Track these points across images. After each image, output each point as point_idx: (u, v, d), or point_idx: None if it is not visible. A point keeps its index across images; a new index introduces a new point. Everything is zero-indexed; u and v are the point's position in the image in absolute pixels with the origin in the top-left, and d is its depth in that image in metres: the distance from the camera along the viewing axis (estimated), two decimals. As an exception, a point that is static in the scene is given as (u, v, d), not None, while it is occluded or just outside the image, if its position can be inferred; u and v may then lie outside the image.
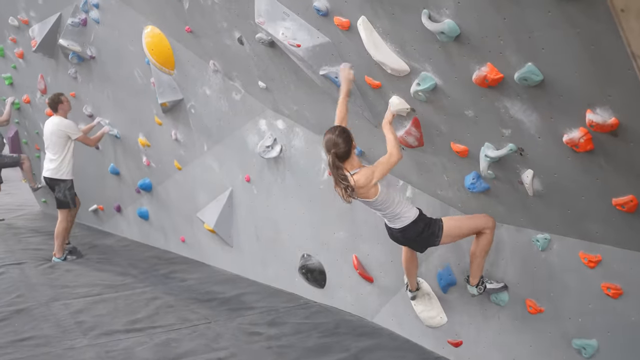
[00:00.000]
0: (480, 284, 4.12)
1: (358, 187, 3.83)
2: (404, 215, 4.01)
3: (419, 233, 4.01)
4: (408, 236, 4.06)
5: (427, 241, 4.07)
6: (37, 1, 7.86)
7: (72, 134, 7.09)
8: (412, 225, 3.99)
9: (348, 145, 3.89)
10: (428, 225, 4.02)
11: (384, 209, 4.01)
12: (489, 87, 3.32)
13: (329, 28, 4.15)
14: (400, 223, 4.03)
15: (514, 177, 3.69)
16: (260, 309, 5.63)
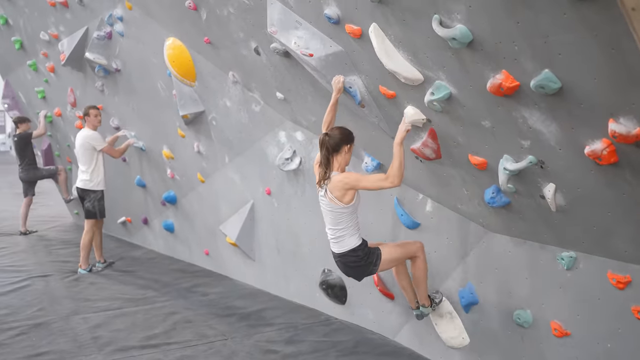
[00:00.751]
0: (432, 302, 4.34)
1: (336, 182, 3.92)
2: (347, 240, 4.06)
3: (355, 262, 4.07)
4: (346, 262, 4.11)
5: (364, 270, 4.14)
6: (65, 16, 7.95)
7: (97, 145, 7.10)
8: (351, 252, 4.06)
9: (342, 139, 4.01)
10: (367, 255, 4.07)
11: (340, 223, 4.04)
12: (505, 95, 3.11)
13: (342, 36, 4.00)
14: (340, 248, 4.09)
15: (535, 191, 3.46)
16: (279, 325, 5.49)
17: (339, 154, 4.05)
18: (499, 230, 4.04)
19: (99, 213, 7.32)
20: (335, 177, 3.97)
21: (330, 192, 3.98)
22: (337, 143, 4.02)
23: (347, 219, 4.04)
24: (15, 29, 9.42)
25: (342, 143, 4.05)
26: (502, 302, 4.07)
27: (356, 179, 3.95)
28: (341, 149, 4.05)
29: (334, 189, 3.95)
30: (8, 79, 10.84)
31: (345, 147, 4.06)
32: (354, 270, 4.16)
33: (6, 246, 8.74)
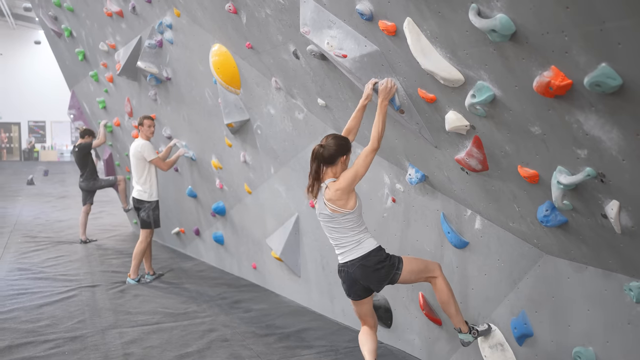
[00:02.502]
0: (472, 329, 3.91)
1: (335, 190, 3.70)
2: (366, 241, 3.82)
3: (380, 261, 3.78)
4: (369, 264, 3.77)
5: (388, 273, 3.80)
6: (121, 25, 7.95)
7: (147, 156, 7.00)
8: (374, 251, 3.80)
9: (338, 151, 3.77)
10: (389, 256, 3.84)
11: (352, 229, 3.79)
12: (556, 96, 2.64)
13: (376, 34, 3.61)
14: (361, 250, 3.79)
15: (596, 209, 2.94)
16: (318, 348, 5.11)
17: (335, 165, 3.83)
18: (556, 253, 3.51)
19: (154, 223, 7.22)
20: (330, 187, 3.75)
21: (331, 203, 3.75)
22: (332, 155, 3.79)
23: (357, 223, 3.83)
24: (79, 40, 9.58)
25: (337, 155, 3.81)
26: (560, 336, 3.54)
27: (353, 173, 3.72)
28: (337, 161, 3.82)
29: (336, 198, 3.72)
30: (74, 90, 11.06)
31: (342, 158, 3.84)
32: (376, 274, 3.81)
33: (64, 254, 8.82)
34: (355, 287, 3.93)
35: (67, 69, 11.01)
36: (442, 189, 4.19)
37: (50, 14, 9.86)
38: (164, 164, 7.19)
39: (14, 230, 10.93)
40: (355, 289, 3.95)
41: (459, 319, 3.92)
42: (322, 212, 3.84)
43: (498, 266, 3.94)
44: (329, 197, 3.72)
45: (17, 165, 29.04)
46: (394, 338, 5.10)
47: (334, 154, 3.78)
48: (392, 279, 3.85)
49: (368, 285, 3.92)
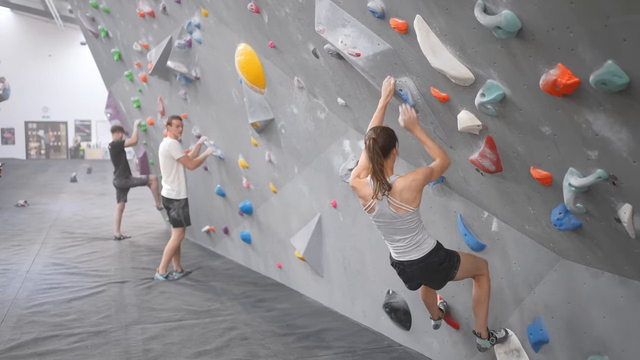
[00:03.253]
0: (491, 336, 3.83)
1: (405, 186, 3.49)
2: (426, 241, 3.63)
3: (440, 262, 3.63)
4: (429, 266, 3.62)
5: (447, 273, 3.68)
6: (153, 26, 8.07)
7: (175, 154, 7.08)
8: (434, 252, 3.62)
9: (390, 141, 3.58)
10: (448, 255, 3.67)
11: (414, 229, 3.59)
12: (564, 95, 2.55)
13: (389, 33, 3.56)
14: (421, 252, 3.62)
15: (609, 212, 2.83)
16: (337, 349, 5.08)
17: (389, 158, 3.61)
18: (573, 257, 3.40)
19: (185, 221, 7.31)
20: (399, 182, 3.51)
21: (396, 201, 3.51)
22: (386, 146, 3.57)
23: (419, 222, 3.62)
24: (114, 41, 9.76)
25: (390, 145, 3.60)
26: (575, 344, 3.42)
27: (428, 171, 3.55)
28: (391, 152, 3.61)
29: (404, 194, 3.50)
30: (111, 90, 11.29)
31: (394, 149, 3.64)
32: (437, 275, 3.69)
33: (97, 251, 9.00)
34: (413, 282, 3.86)
35: (104, 69, 11.24)
36: (459, 190, 4.11)
37: (88, 15, 10.09)
38: (191, 162, 7.25)
39: (53, 226, 11.22)
40: (413, 284, 3.88)
41: (483, 323, 3.81)
42: (383, 212, 3.58)
43: (515, 270, 3.84)
44: (397, 193, 3.49)
45: (63, 163, 29.83)
46: (413, 341, 5.03)
47: (387, 144, 3.56)
48: (451, 278, 3.74)
49: (427, 284, 3.88)
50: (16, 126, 33.83)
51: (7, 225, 11.14)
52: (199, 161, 7.37)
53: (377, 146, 3.52)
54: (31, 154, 34.44)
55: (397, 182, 3.52)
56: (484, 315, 3.79)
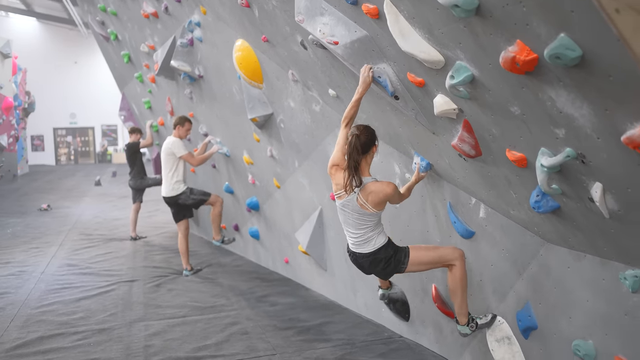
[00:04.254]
0: (471, 322, 3.88)
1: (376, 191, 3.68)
2: (377, 239, 3.85)
3: (387, 258, 3.84)
4: (377, 260, 3.85)
5: (394, 268, 3.88)
6: (157, 26, 8.14)
7: (177, 152, 7.12)
8: (383, 249, 3.84)
9: (371, 139, 3.76)
10: (396, 252, 3.86)
11: (368, 227, 3.80)
12: (527, 73, 2.48)
13: (363, 19, 3.53)
14: (371, 247, 3.84)
15: (583, 192, 2.75)
16: (336, 341, 5.05)
17: (369, 154, 3.80)
18: (556, 240, 3.32)
19: (203, 195, 7.38)
20: (371, 185, 3.70)
21: (363, 199, 3.71)
22: (367, 143, 3.74)
23: (376, 222, 3.84)
24: (123, 43, 9.88)
25: (371, 143, 3.79)
26: (561, 329, 3.34)
27: (395, 194, 3.76)
28: (371, 149, 3.79)
29: (370, 197, 3.69)
30: (124, 92, 11.42)
31: (374, 147, 3.83)
32: (384, 269, 3.91)
33: (112, 251, 9.11)
34: (365, 271, 4.06)
35: (117, 71, 11.39)
36: (447, 177, 4.05)
37: (97, 19, 10.22)
38: (194, 159, 7.28)
39: (72, 228, 11.39)
40: (366, 272, 4.08)
41: (460, 310, 3.89)
42: (349, 204, 3.77)
43: (503, 256, 3.76)
44: (367, 194, 3.68)
45: (90, 168, 30.33)
46: (412, 332, 4.98)
47: (368, 142, 3.74)
48: (398, 272, 3.92)
49: (376, 275, 4.06)
50: (45, 133, 34.51)
51: (29, 229, 11.35)
52: (203, 159, 7.40)
53: (359, 142, 3.69)
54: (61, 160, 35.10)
55: (370, 184, 3.70)
56: (460, 303, 3.86)
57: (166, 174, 7.25)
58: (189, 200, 7.29)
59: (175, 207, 7.47)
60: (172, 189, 7.25)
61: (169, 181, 7.25)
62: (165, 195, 7.36)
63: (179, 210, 7.45)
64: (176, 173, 7.21)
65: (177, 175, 7.22)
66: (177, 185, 7.24)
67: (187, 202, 7.32)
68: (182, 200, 7.30)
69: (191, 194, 7.32)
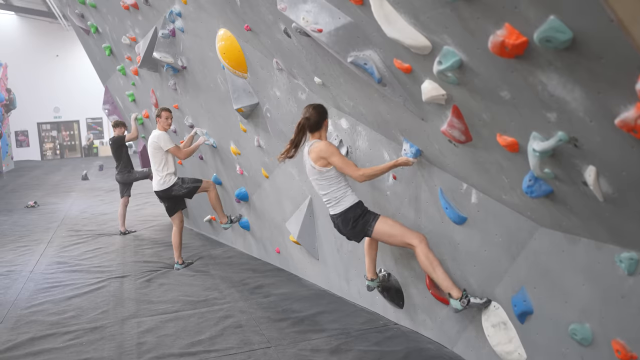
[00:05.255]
0: (464, 297, 3.94)
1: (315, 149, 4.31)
2: (346, 199, 4.31)
3: (355, 218, 4.26)
4: (346, 220, 4.29)
5: (362, 229, 4.29)
6: (138, 18, 7.99)
7: (164, 145, 7.04)
8: (352, 209, 4.28)
9: (321, 117, 4.39)
10: (364, 213, 4.30)
11: (331, 186, 4.32)
12: (516, 56, 2.43)
13: (347, 5, 3.45)
14: (340, 208, 4.31)
15: (576, 176, 2.71)
16: (331, 331, 5.03)
17: (320, 130, 4.44)
18: (550, 225, 3.29)
19: (195, 182, 7.32)
20: (315, 145, 4.35)
21: (311, 160, 4.36)
22: (317, 121, 4.40)
23: (336, 181, 4.34)
24: (104, 36, 9.71)
25: (321, 120, 4.41)
26: (558, 313, 3.32)
27: (332, 152, 4.25)
28: (322, 125, 4.43)
29: (313, 155, 4.32)
30: (107, 85, 11.26)
31: (325, 122, 4.44)
32: (352, 229, 4.32)
33: (102, 247, 9.02)
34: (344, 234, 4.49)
35: (99, 65, 11.22)
36: (437, 162, 4.00)
37: (77, 11, 10.03)
38: (181, 152, 7.21)
39: (61, 224, 11.28)
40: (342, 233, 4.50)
41: (447, 284, 4.02)
42: (308, 170, 4.45)
43: (497, 241, 3.73)
44: (312, 154, 4.32)
45: (77, 162, 30.08)
46: (407, 319, 4.96)
47: (318, 120, 4.38)
48: (366, 234, 4.34)
49: (349, 237, 4.49)
50: (29, 128, 34.13)
51: (16, 227, 11.22)
52: (190, 151, 7.33)
53: (308, 124, 4.39)
54: (47, 155, 34.77)
55: (314, 145, 4.34)
56: (440, 279, 4.04)
57: (156, 168, 7.16)
58: (182, 190, 7.22)
59: (168, 200, 7.40)
60: (163, 182, 7.16)
61: (159, 175, 7.17)
62: (157, 190, 7.28)
63: (172, 204, 7.38)
64: (166, 166, 7.13)
65: (167, 168, 7.14)
66: (169, 177, 7.16)
67: (180, 193, 7.25)
68: (176, 192, 7.23)
69: (183, 184, 7.25)
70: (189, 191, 7.26)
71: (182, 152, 7.20)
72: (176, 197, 7.31)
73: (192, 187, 7.28)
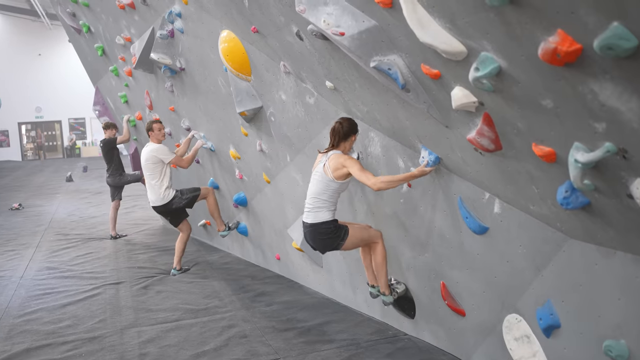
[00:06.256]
0: (393, 292, 4.66)
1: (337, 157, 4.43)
2: (323, 213, 4.48)
3: (326, 233, 4.47)
4: (315, 233, 4.51)
5: (332, 243, 4.53)
6: (134, 18, 7.81)
7: (165, 158, 6.86)
8: (325, 224, 4.48)
9: (351, 129, 4.50)
10: (337, 228, 4.50)
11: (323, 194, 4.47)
12: (566, 64, 2.32)
13: (373, 8, 3.33)
14: (314, 219, 4.50)
15: (620, 189, 2.61)
16: (340, 342, 4.90)
17: (347, 141, 4.54)
18: (582, 237, 3.19)
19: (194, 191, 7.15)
20: (339, 155, 4.45)
21: (328, 164, 4.46)
22: (347, 133, 4.50)
23: (331, 194, 4.49)
24: (97, 35, 9.49)
25: (350, 133, 4.51)
26: (589, 328, 3.22)
27: (351, 163, 4.30)
28: (349, 138, 4.53)
29: (332, 162, 4.42)
30: (98, 86, 11.03)
31: (353, 136, 4.54)
32: (322, 242, 4.56)
33: (93, 251, 8.81)
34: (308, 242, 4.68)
35: (90, 65, 10.98)
36: (458, 171, 3.89)
37: (68, 10, 9.80)
38: (183, 161, 7.05)
39: (48, 228, 11.02)
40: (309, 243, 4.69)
41: (384, 283, 4.64)
42: (318, 170, 4.55)
43: (520, 252, 3.63)
44: (331, 160, 4.44)
45: (60, 163, 29.64)
46: (419, 329, 4.85)
47: (348, 131, 4.49)
48: (336, 248, 4.58)
49: (315, 247, 4.67)
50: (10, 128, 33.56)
51: (2, 230, 10.94)
52: (191, 158, 7.18)
53: (342, 129, 4.49)
54: (27, 155, 34.21)
55: (336, 154, 4.46)
56: (383, 276, 4.60)
57: (154, 184, 6.94)
58: (183, 202, 7.05)
59: (169, 214, 7.20)
60: (163, 197, 6.96)
61: (157, 190, 6.95)
62: (156, 205, 7.07)
63: (175, 216, 7.19)
64: (164, 180, 6.94)
65: (165, 182, 6.95)
66: (167, 192, 6.97)
67: (181, 204, 7.07)
68: (176, 204, 7.05)
69: (182, 196, 7.08)
70: (189, 201, 7.09)
71: (185, 161, 7.05)
72: (177, 209, 7.12)
73: (192, 196, 7.10)
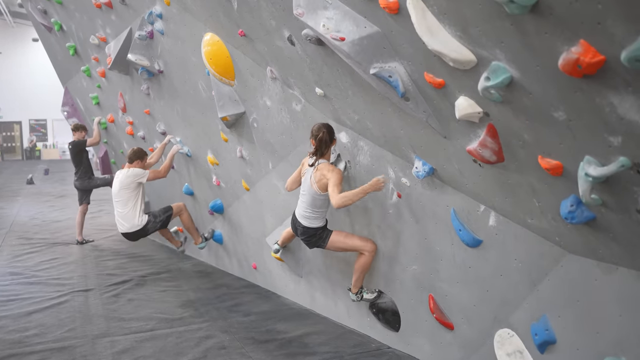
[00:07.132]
0: (358, 293, 4.88)
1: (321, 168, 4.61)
2: (316, 221, 4.79)
3: (313, 234, 4.80)
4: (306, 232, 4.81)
5: (315, 242, 4.85)
6: (111, 17, 7.60)
7: (143, 178, 6.65)
8: (315, 229, 4.79)
9: (332, 136, 4.62)
10: (323, 231, 4.82)
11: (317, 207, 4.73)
12: (585, 76, 2.29)
13: (377, 14, 3.26)
14: (309, 224, 4.79)
15: (630, 204, 2.59)
16: (322, 354, 4.78)
17: (329, 148, 4.67)
18: (582, 252, 3.16)
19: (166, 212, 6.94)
20: (322, 165, 4.61)
21: (313, 177, 4.63)
22: (331, 140, 4.62)
23: (320, 204, 4.73)
24: (69, 34, 9.23)
25: (332, 139, 4.64)
26: (587, 345, 3.19)
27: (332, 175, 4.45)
28: (329, 144, 4.63)
29: (317, 174, 4.60)
30: (67, 86, 10.72)
31: (334, 142, 4.68)
32: (307, 240, 4.88)
33: (58, 257, 8.49)
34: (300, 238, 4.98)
35: (59, 64, 10.67)
36: (453, 182, 3.84)
37: (39, 7, 9.51)
38: (160, 172, 6.85)
39: (9, 231, 10.61)
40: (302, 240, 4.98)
41: (356, 284, 4.84)
42: (305, 180, 4.75)
43: (515, 266, 3.59)
44: (316, 172, 4.62)
45: (19, 165, 28.81)
46: (403, 343, 4.77)
47: (331, 138, 4.62)
48: (319, 247, 4.87)
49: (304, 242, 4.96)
50: (-33, 128, 32.54)
51: (-40, 233, 10.50)
52: (168, 166, 6.98)
53: (328, 137, 4.58)
54: (-17, 157, 33.19)
55: (322, 165, 4.63)
56: (357, 279, 4.81)
57: (128, 210, 6.68)
58: (158, 225, 6.84)
59: (143, 236, 6.93)
60: (137, 223, 6.70)
61: (131, 216, 6.69)
62: (129, 231, 6.78)
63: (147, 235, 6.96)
64: (138, 203, 6.69)
65: (139, 206, 6.71)
66: (141, 217, 6.72)
67: (157, 228, 6.87)
68: (152, 229, 6.81)
69: (156, 219, 6.84)
70: (163, 223, 6.89)
71: (161, 171, 6.86)
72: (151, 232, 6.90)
73: (165, 217, 6.90)
